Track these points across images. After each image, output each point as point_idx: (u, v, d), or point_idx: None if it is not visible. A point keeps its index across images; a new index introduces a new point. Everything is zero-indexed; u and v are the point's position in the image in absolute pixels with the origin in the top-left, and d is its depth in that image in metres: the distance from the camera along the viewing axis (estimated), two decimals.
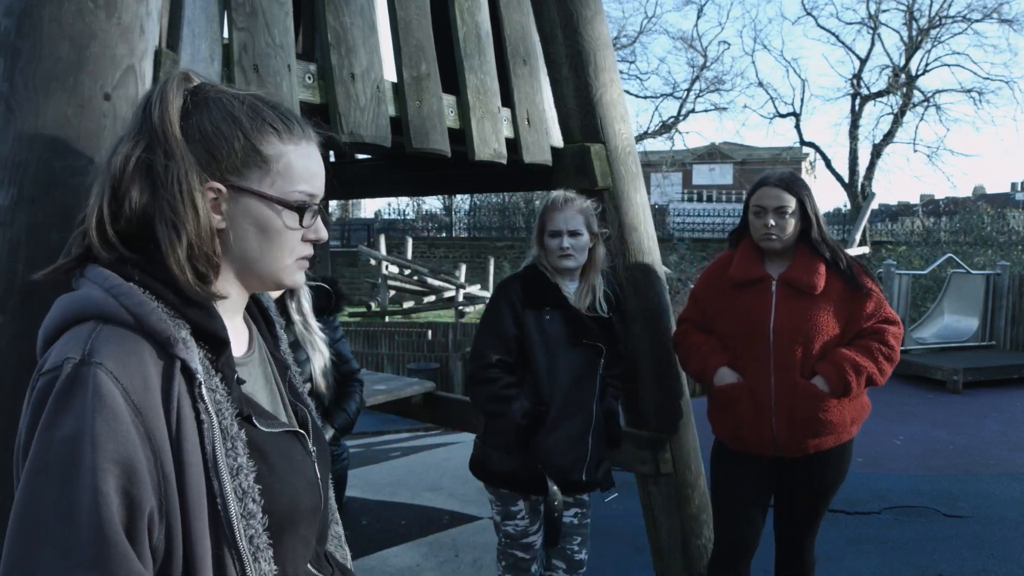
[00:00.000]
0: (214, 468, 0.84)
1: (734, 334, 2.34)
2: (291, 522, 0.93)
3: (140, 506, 0.78)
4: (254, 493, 0.87)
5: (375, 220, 30.14)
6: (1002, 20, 23.22)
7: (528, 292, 2.33)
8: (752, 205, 2.32)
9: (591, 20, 2.63)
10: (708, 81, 27.20)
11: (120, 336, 0.82)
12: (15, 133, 1.21)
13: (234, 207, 0.92)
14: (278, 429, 0.96)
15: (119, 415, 0.77)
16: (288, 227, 0.94)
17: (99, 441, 0.75)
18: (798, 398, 2.23)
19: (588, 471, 2.34)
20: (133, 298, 0.83)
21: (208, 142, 0.90)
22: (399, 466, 5.30)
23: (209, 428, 0.84)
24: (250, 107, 0.93)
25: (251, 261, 0.94)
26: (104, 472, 0.75)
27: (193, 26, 1.59)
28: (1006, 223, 15.49)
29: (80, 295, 0.86)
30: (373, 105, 2.00)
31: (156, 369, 0.82)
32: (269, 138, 0.93)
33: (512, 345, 2.31)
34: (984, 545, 3.62)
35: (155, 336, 0.83)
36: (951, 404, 6.61)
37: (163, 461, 0.80)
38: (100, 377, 0.77)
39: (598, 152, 2.64)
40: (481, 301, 17.76)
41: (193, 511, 0.82)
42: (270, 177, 0.93)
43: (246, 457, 0.87)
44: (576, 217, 2.30)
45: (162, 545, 0.81)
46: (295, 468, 0.96)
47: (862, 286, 2.27)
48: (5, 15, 1.25)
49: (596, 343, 2.32)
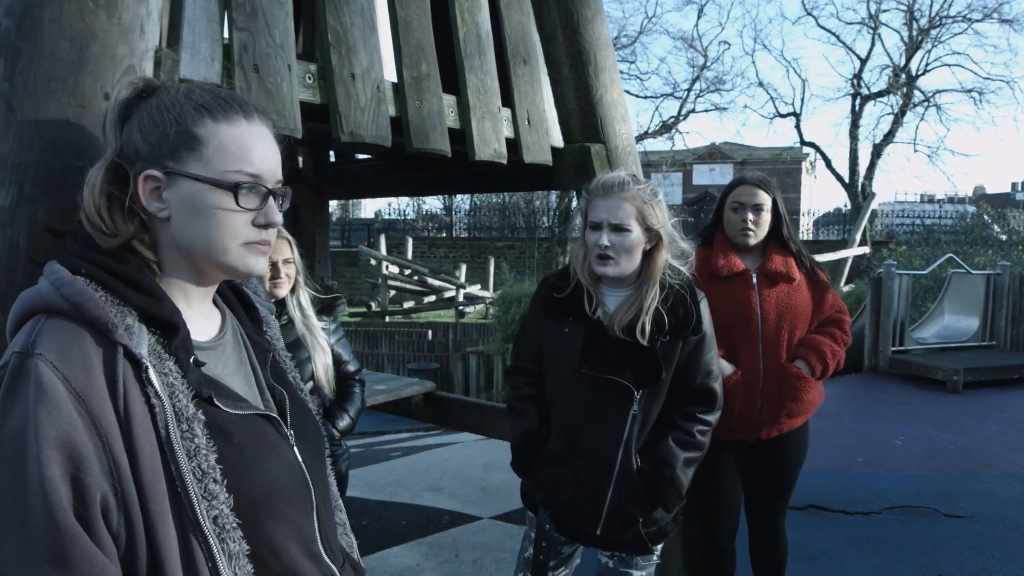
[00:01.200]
0: (169, 450, 0.84)
1: (722, 323, 2.39)
2: (269, 503, 0.93)
3: (89, 491, 0.79)
4: (215, 473, 0.87)
5: (375, 220, 30.15)
6: (1002, 20, 23.21)
7: (554, 295, 1.92)
8: (730, 202, 2.48)
9: (591, 20, 2.63)
10: (708, 81, 27.17)
11: (60, 327, 0.84)
12: (15, 133, 1.21)
13: (173, 193, 0.93)
14: (246, 411, 0.96)
15: (60, 403, 0.78)
16: (223, 208, 0.92)
17: (41, 428, 0.77)
18: (785, 381, 2.39)
19: (606, 526, 1.88)
20: (73, 287, 0.86)
21: (143, 131, 0.93)
22: (399, 466, 5.30)
23: (161, 411, 0.85)
24: (184, 94, 0.95)
25: (195, 246, 0.94)
26: (48, 458, 0.77)
27: (193, 26, 1.59)
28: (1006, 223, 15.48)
29: (31, 291, 0.89)
30: (373, 105, 2.00)
31: (98, 356, 0.83)
32: (202, 119, 0.93)
33: (535, 353, 1.98)
34: (984, 545, 3.62)
35: (94, 324, 0.84)
36: (951, 404, 6.61)
37: (112, 446, 0.81)
38: (40, 367, 0.79)
39: (598, 152, 2.64)
40: (481, 301, 17.77)
41: (151, 495, 0.83)
42: (204, 159, 0.92)
43: (205, 438, 0.87)
44: (624, 207, 1.80)
45: (123, 531, 0.82)
46: (268, 450, 0.96)
47: (821, 280, 2.50)
48: (5, 15, 1.25)
49: (619, 379, 1.81)
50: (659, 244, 1.84)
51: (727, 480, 2.50)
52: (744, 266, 2.44)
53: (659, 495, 1.86)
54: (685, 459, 1.88)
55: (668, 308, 1.84)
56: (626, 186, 1.82)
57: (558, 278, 1.96)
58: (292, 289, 2.45)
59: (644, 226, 1.82)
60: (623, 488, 1.85)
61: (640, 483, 1.85)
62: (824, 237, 24.08)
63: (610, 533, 1.89)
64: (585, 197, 1.91)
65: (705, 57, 26.31)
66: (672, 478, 1.85)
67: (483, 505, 4.26)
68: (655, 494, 1.86)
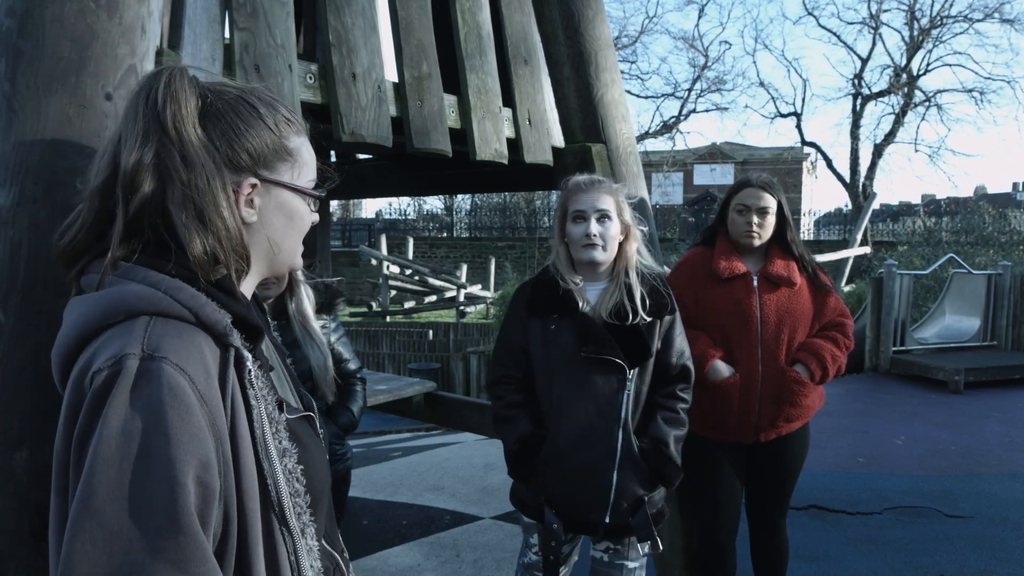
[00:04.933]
0: (264, 451, 0.88)
1: (721, 325, 2.42)
2: (320, 499, 0.99)
3: (213, 493, 0.80)
4: (298, 473, 0.92)
5: (376, 220, 30.18)
6: (1003, 20, 23.23)
7: (536, 296, 2.03)
8: (735, 204, 2.46)
9: (592, 20, 2.63)
10: (709, 81, 27.22)
11: (178, 329, 0.84)
12: (17, 133, 1.21)
13: (267, 200, 0.96)
14: (297, 414, 1.00)
15: (191, 408, 0.79)
16: (305, 213, 1.01)
17: (174, 433, 0.77)
18: (784, 384, 2.37)
19: (614, 512, 1.97)
20: (186, 292, 0.86)
21: (241, 138, 0.93)
22: (400, 466, 5.30)
23: (258, 413, 0.88)
24: (268, 104, 0.97)
25: (276, 249, 0.99)
26: (182, 463, 0.77)
27: (194, 26, 1.59)
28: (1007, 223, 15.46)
29: (122, 291, 0.85)
30: (374, 105, 2.00)
31: (213, 359, 0.85)
32: (289, 132, 0.98)
33: (521, 358, 2.04)
34: (986, 545, 3.61)
35: (212, 328, 0.86)
36: (953, 404, 6.61)
37: (224, 447, 0.83)
38: (168, 371, 0.79)
39: (599, 152, 2.64)
40: (482, 301, 17.78)
41: (247, 493, 0.85)
42: (296, 169, 0.99)
43: (288, 440, 0.92)
44: (605, 198, 1.98)
45: (220, 528, 0.83)
46: (317, 449, 1.02)
47: (823, 284, 2.47)
48: (7, 15, 1.25)
49: (614, 358, 1.95)
50: (630, 235, 2.02)
51: (727, 481, 2.50)
52: (746, 268, 2.43)
53: (661, 471, 1.99)
54: (675, 436, 2.03)
55: (647, 291, 2.01)
56: (603, 182, 2.03)
57: (535, 283, 2.07)
58: (291, 289, 2.45)
59: (620, 218, 2.00)
60: (627, 470, 1.96)
61: (641, 463, 1.97)
62: (825, 237, 24.08)
63: (619, 519, 1.98)
64: (563, 196, 2.05)
65: (706, 57, 26.35)
66: (670, 455, 2.00)
67: (484, 505, 4.26)
68: (657, 471, 1.99)
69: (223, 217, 0.90)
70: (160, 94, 0.89)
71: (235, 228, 0.91)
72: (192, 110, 0.90)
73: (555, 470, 1.97)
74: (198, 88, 0.93)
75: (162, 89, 0.90)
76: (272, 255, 0.99)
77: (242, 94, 0.96)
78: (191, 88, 0.91)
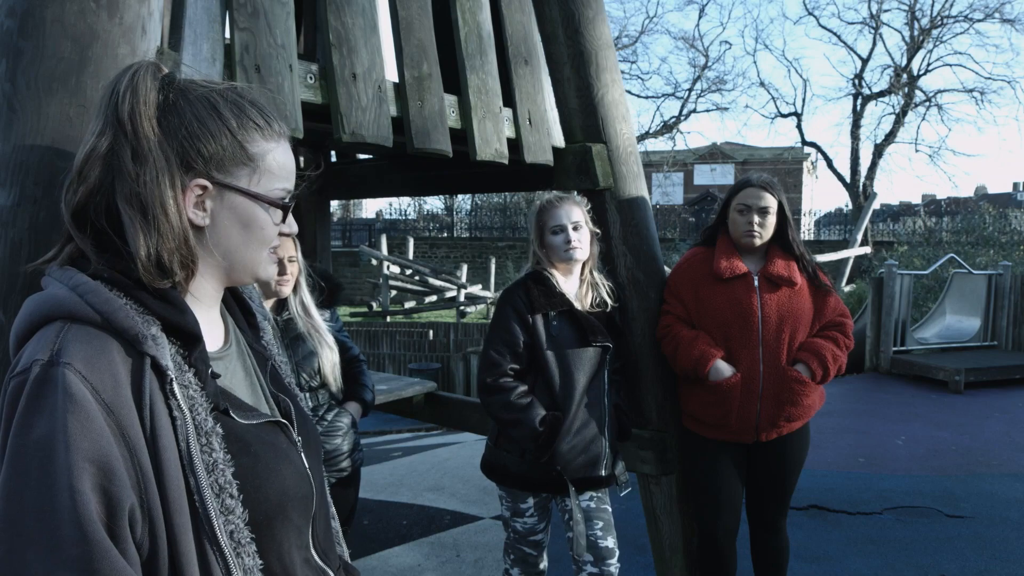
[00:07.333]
0: (189, 465, 0.84)
1: (722, 325, 2.43)
2: (282, 510, 0.93)
3: (120, 503, 0.78)
4: (232, 488, 0.87)
5: (376, 220, 30.19)
6: (1004, 20, 23.23)
7: (534, 297, 2.33)
8: (736, 204, 2.47)
9: (593, 20, 2.63)
10: (710, 81, 27.22)
11: (87, 335, 0.81)
12: (17, 133, 1.21)
13: (219, 204, 0.92)
14: (258, 420, 0.96)
15: (91, 414, 0.77)
16: (265, 221, 0.95)
17: (72, 440, 0.76)
18: (785, 384, 2.38)
19: (606, 467, 2.38)
20: (100, 296, 0.83)
21: (194, 138, 0.89)
22: (400, 466, 5.30)
23: (182, 424, 0.84)
24: (233, 104, 0.93)
25: (231, 256, 0.95)
26: (80, 471, 0.75)
27: (195, 26, 1.59)
28: (1008, 223, 15.46)
29: (46, 295, 0.85)
30: (375, 105, 2.00)
31: (125, 367, 0.82)
32: (253, 136, 0.93)
33: (522, 353, 2.32)
34: (986, 545, 3.61)
35: (123, 334, 0.83)
36: (953, 404, 6.61)
37: (140, 458, 0.81)
38: (69, 377, 0.77)
39: (600, 152, 2.64)
40: (482, 301, 17.78)
41: (174, 507, 0.82)
42: (256, 175, 0.94)
43: (223, 452, 0.87)
44: (576, 210, 2.35)
45: (146, 542, 0.81)
46: (281, 457, 0.96)
47: (823, 284, 2.48)
48: (8, 16, 1.25)
49: (604, 343, 2.35)
50: (593, 238, 2.41)
51: (727, 481, 2.50)
52: (746, 268, 2.43)
53: (626, 428, 2.48)
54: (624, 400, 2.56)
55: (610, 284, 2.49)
56: (572, 197, 2.42)
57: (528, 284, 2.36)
58: (294, 287, 2.46)
59: (587, 225, 2.38)
60: (611, 430, 2.40)
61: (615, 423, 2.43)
62: (825, 237, 24.09)
63: (608, 471, 2.41)
64: (536, 212, 2.41)
65: (706, 57, 26.36)
66: (630, 416, 2.52)
67: (484, 505, 4.26)
68: (624, 428, 2.48)
69: (168, 215, 0.87)
70: (122, 88, 0.88)
71: (179, 227, 0.88)
72: (151, 105, 0.89)
73: (569, 441, 2.28)
74: (163, 84, 0.91)
75: (125, 83, 0.89)
76: (224, 261, 0.95)
77: (208, 93, 0.92)
78: (154, 83, 0.90)
